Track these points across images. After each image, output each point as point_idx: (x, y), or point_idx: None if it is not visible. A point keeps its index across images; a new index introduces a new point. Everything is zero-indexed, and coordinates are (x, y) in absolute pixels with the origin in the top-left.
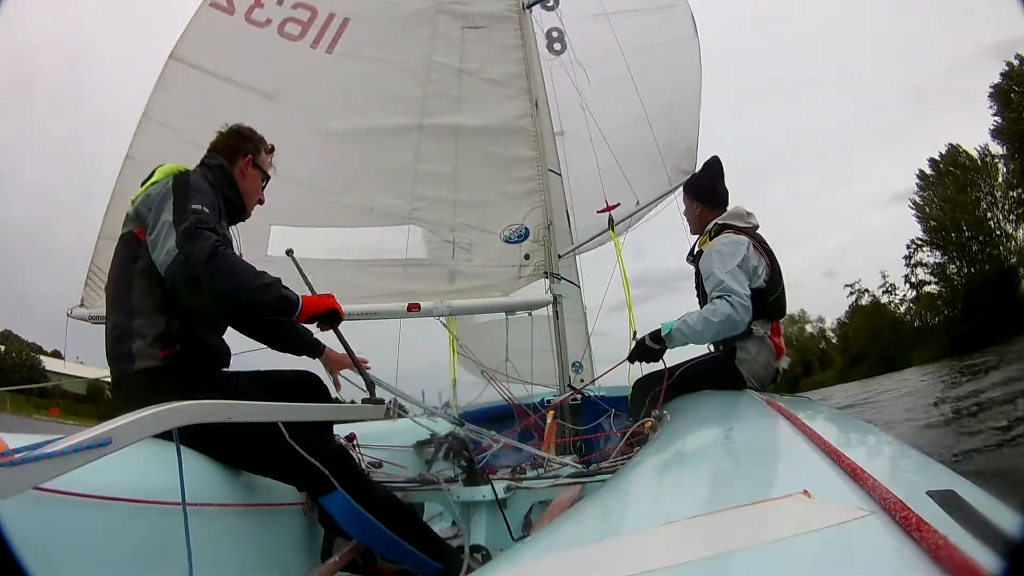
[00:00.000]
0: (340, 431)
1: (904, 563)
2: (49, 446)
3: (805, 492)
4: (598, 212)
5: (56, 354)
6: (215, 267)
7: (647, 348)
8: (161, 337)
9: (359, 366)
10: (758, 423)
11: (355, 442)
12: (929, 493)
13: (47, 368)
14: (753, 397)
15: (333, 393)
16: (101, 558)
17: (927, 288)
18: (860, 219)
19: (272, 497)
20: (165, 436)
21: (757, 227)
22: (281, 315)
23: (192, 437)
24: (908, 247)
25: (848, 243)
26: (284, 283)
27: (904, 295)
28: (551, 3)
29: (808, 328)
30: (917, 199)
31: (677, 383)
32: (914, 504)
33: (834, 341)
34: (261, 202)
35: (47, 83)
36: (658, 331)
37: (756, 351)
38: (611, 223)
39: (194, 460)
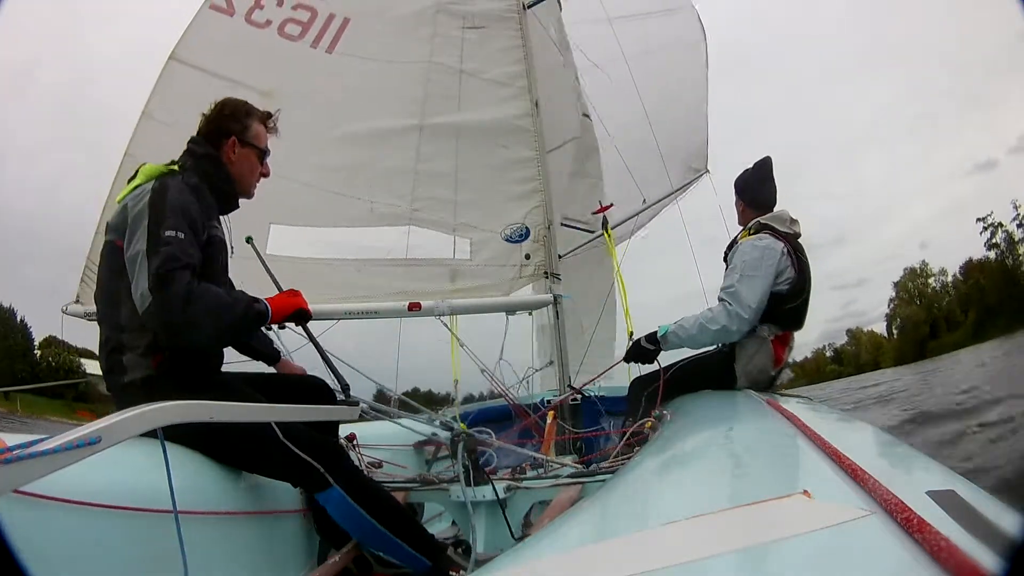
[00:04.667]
0: (340, 431)
1: (904, 563)
2: (39, 445)
3: (805, 492)
4: (592, 213)
5: (89, 354)
6: (191, 315)
7: (642, 349)
8: (152, 346)
9: (330, 364)
10: (758, 423)
11: (355, 442)
12: (929, 493)
13: (88, 371)
14: (753, 397)
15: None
16: (98, 566)
17: None
18: (946, 189)
19: (269, 504)
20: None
21: (799, 235)
22: (257, 329)
23: (190, 437)
24: None
25: (939, 213)
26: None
27: None
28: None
29: (931, 282)
30: None
31: (673, 380)
32: (914, 504)
33: (949, 296)
34: (265, 175)
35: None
36: (654, 333)
37: (754, 351)
38: (605, 224)
39: (193, 463)
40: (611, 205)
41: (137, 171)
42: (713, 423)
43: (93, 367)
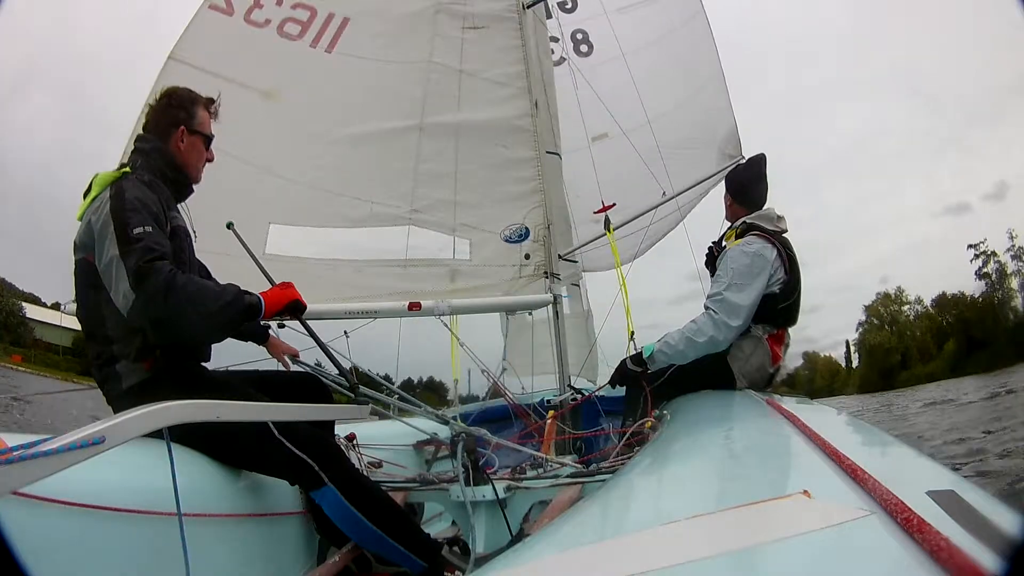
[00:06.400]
0: (340, 431)
1: (904, 563)
2: (42, 445)
3: (805, 492)
4: (595, 213)
5: (34, 300)
6: (174, 303)
7: (628, 372)
8: (142, 350)
9: (332, 359)
10: (758, 423)
11: (355, 442)
12: (929, 493)
13: (28, 315)
14: (753, 397)
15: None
16: (99, 569)
17: None
18: (914, 227)
19: (269, 505)
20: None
21: (785, 231)
22: (249, 321)
23: (188, 436)
24: None
25: (903, 250)
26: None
27: None
28: (569, 5)
29: (906, 310)
30: None
31: (670, 380)
32: (914, 504)
33: (917, 331)
34: (210, 160)
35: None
36: (639, 354)
37: (750, 351)
38: (607, 224)
39: (194, 464)
40: (613, 205)
41: (91, 183)
42: (713, 423)
43: (34, 312)
